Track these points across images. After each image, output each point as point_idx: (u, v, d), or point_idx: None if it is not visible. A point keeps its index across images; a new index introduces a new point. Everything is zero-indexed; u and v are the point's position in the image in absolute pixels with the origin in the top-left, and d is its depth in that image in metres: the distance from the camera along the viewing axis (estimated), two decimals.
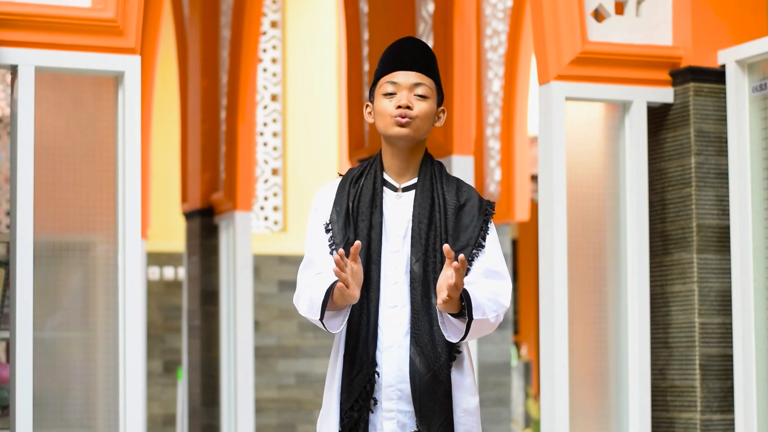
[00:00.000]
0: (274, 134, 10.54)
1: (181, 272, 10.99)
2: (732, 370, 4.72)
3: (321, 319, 3.23)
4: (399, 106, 3.28)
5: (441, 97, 3.38)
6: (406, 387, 3.23)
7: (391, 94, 3.30)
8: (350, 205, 3.31)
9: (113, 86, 4.33)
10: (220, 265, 8.45)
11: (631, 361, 4.80)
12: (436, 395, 3.20)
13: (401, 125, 3.27)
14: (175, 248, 10.90)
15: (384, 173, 3.36)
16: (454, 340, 3.22)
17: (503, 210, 8.13)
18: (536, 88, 4.99)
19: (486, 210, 3.36)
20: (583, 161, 4.83)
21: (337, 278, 3.17)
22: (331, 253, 3.31)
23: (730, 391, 4.72)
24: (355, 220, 3.30)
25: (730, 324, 4.74)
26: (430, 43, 6.45)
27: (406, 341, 3.25)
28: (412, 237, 3.28)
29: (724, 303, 4.74)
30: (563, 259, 4.68)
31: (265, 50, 10.44)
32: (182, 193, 9.10)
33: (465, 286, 3.18)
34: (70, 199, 4.30)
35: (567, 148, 4.76)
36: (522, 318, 13.85)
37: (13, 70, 4.20)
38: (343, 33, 10.34)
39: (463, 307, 3.18)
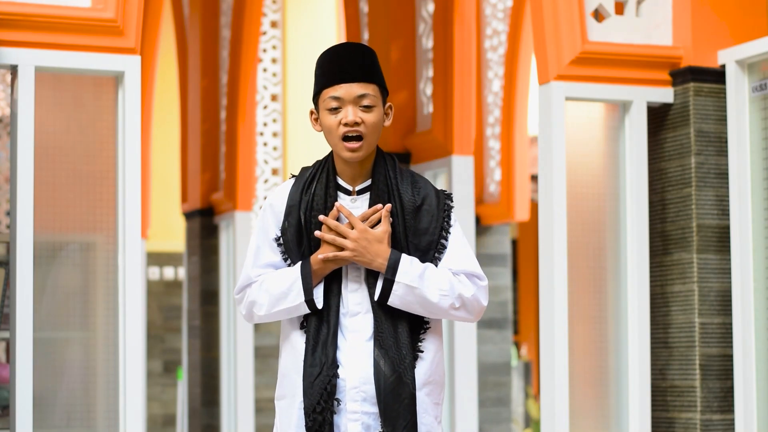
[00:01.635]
0: (274, 134, 10.54)
1: (181, 272, 10.99)
2: (732, 370, 4.72)
3: (308, 297, 3.21)
4: (346, 123, 3.21)
5: (386, 95, 3.30)
6: (371, 388, 3.20)
7: (335, 109, 3.24)
8: (302, 216, 3.26)
9: (113, 86, 4.33)
10: (220, 265, 8.45)
11: (631, 361, 4.80)
12: (400, 397, 3.18)
13: (352, 150, 3.21)
14: (175, 248, 10.90)
15: (337, 176, 3.30)
16: (376, 298, 3.20)
17: (503, 210, 8.13)
18: (536, 88, 4.99)
19: (445, 205, 3.30)
20: (583, 161, 4.83)
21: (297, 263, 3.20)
22: (288, 264, 3.29)
23: (730, 391, 4.72)
24: (308, 231, 3.26)
25: (730, 324, 4.74)
26: (430, 44, 6.45)
27: (370, 344, 3.22)
28: None
29: (724, 303, 4.74)
30: (563, 259, 4.68)
31: (265, 50, 10.44)
32: (182, 193, 9.10)
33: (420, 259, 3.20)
34: (70, 199, 4.30)
35: (567, 148, 4.76)
36: (522, 318, 13.85)
37: (13, 70, 4.20)
38: (343, 33, 10.34)
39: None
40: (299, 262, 3.26)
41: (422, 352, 3.27)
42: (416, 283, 3.20)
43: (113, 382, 4.27)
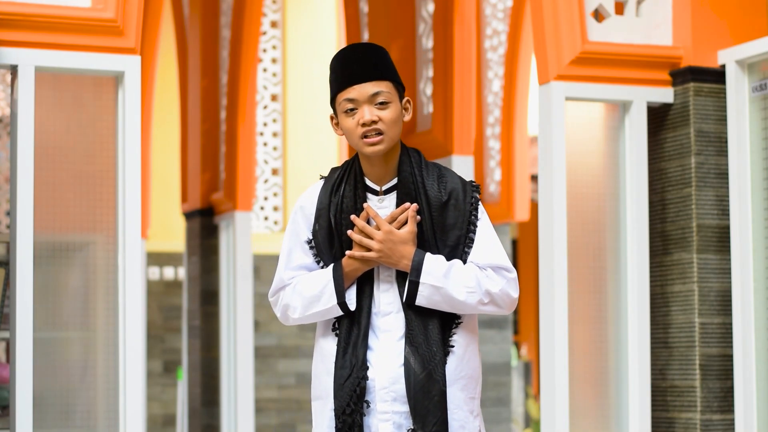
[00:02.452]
0: (274, 134, 10.54)
1: (181, 272, 10.99)
2: (732, 370, 4.72)
3: (340, 300, 3.23)
4: (363, 123, 3.22)
5: (402, 89, 3.31)
6: (400, 388, 3.22)
7: (352, 110, 3.24)
8: (332, 219, 3.28)
9: (113, 86, 4.33)
10: (220, 265, 8.45)
11: (631, 361, 4.80)
12: (430, 394, 3.19)
13: (373, 144, 3.23)
14: (175, 248, 10.90)
15: (364, 177, 3.31)
16: (403, 300, 3.22)
17: (503, 210, 8.13)
18: (536, 88, 4.99)
19: (472, 198, 3.30)
20: (583, 161, 4.83)
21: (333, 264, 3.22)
22: (321, 266, 3.31)
23: (730, 391, 4.72)
24: (339, 233, 3.27)
25: (730, 324, 4.74)
26: (430, 44, 6.45)
27: (401, 344, 3.24)
28: None
29: (724, 303, 4.74)
30: (563, 259, 4.68)
31: (265, 50, 10.44)
32: (182, 193, 9.10)
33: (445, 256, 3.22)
34: (70, 199, 4.30)
35: (567, 148, 4.76)
36: (522, 318, 13.86)
37: (13, 70, 4.20)
38: (343, 33, 10.34)
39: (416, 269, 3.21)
40: (331, 265, 3.27)
41: (453, 347, 3.27)
42: (441, 282, 3.20)
43: (113, 382, 4.27)
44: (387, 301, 3.27)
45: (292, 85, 10.49)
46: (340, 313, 3.26)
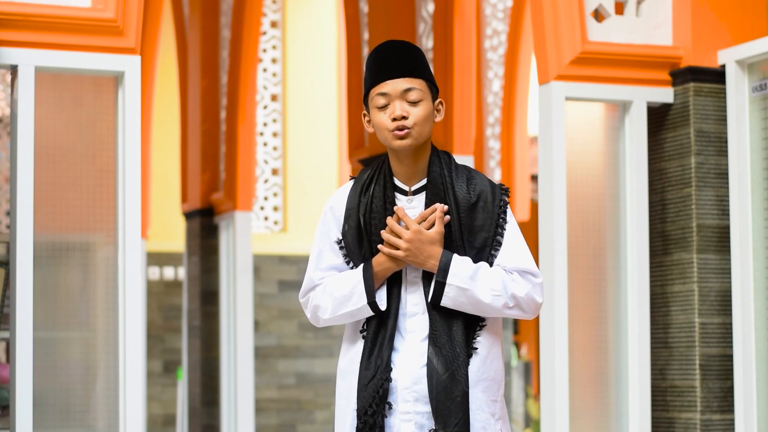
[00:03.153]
0: (274, 134, 10.54)
1: (181, 272, 10.99)
2: (732, 370, 4.72)
3: (371, 300, 3.24)
4: (394, 119, 3.23)
5: (436, 90, 3.33)
6: (423, 388, 3.22)
7: (384, 107, 3.25)
8: (361, 219, 3.28)
9: (113, 86, 4.33)
10: (220, 265, 8.45)
11: (631, 361, 4.80)
12: (453, 394, 3.20)
13: (401, 138, 3.23)
14: (175, 248, 10.90)
15: (393, 177, 3.32)
16: (428, 300, 3.23)
17: None
18: (536, 88, 4.99)
19: (500, 201, 3.30)
20: (583, 161, 4.83)
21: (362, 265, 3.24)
22: (351, 267, 3.32)
23: (730, 391, 4.72)
24: (368, 233, 3.28)
25: (730, 324, 4.74)
26: (430, 44, 6.45)
27: (424, 344, 3.24)
28: None
29: (724, 303, 4.74)
30: (563, 259, 4.68)
31: (265, 50, 10.44)
32: (182, 193, 9.10)
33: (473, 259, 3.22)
34: (70, 199, 4.30)
35: (567, 148, 4.76)
36: None
37: (13, 70, 4.20)
38: (343, 33, 10.34)
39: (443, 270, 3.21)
40: (361, 265, 3.28)
41: (476, 349, 3.27)
42: (467, 284, 3.21)
43: (113, 382, 4.27)
44: (413, 302, 3.27)
45: (292, 85, 10.49)
46: (371, 313, 3.26)
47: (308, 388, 10.15)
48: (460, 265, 3.22)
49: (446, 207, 3.24)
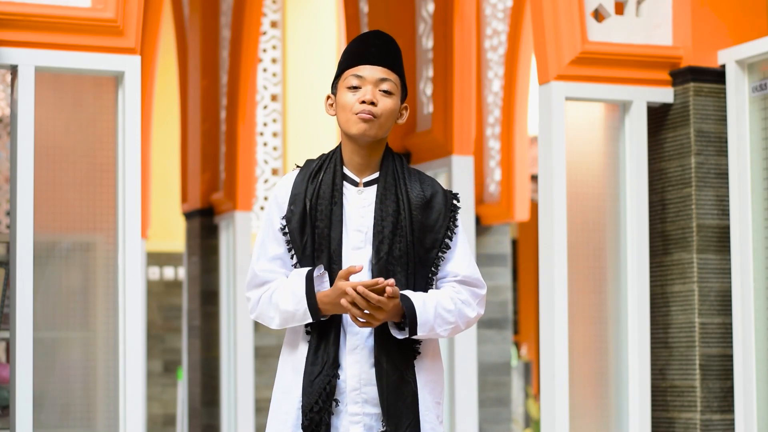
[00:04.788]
0: (274, 134, 10.54)
1: (181, 272, 10.99)
2: (732, 370, 4.72)
3: (316, 317, 3.23)
4: (363, 101, 3.22)
5: (405, 93, 3.33)
6: (371, 389, 3.21)
7: (355, 88, 3.25)
8: (307, 203, 3.25)
9: (113, 86, 4.33)
10: (220, 265, 8.45)
11: (631, 361, 4.80)
12: (403, 395, 3.20)
13: (364, 121, 3.22)
14: (175, 248, 10.90)
15: (344, 168, 3.31)
16: (398, 336, 3.22)
17: (503, 210, 8.13)
18: (536, 88, 4.99)
19: (452, 206, 3.31)
20: (583, 161, 4.83)
21: (305, 271, 3.20)
22: (292, 256, 3.29)
23: (730, 391, 4.72)
24: (313, 219, 3.25)
25: (730, 324, 4.74)
26: (430, 44, 6.45)
27: (370, 342, 3.23)
28: (374, 235, 3.24)
29: (724, 303, 4.74)
30: (563, 259, 4.68)
31: (265, 50, 10.44)
32: (182, 193, 9.10)
33: (422, 293, 3.23)
34: (70, 199, 4.30)
35: (567, 148, 4.76)
36: (522, 318, 13.85)
37: (13, 70, 4.20)
38: (343, 33, 10.34)
39: (403, 319, 3.19)
40: (303, 279, 3.23)
41: (420, 352, 3.28)
42: (428, 332, 3.23)
43: (113, 382, 4.27)
44: None
45: (292, 85, 10.49)
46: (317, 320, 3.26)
47: None
48: (423, 314, 3.20)
49: (393, 281, 3.15)
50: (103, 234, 4.32)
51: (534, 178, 9.60)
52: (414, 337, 3.22)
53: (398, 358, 3.21)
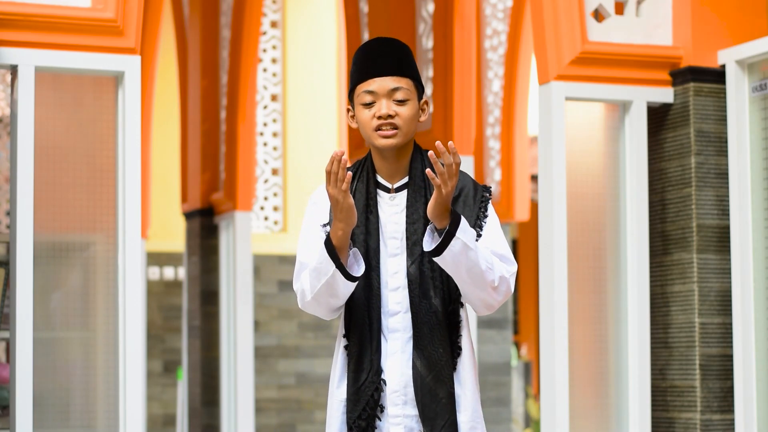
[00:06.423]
0: (274, 134, 10.54)
1: (181, 272, 10.99)
2: (732, 370, 4.72)
3: (338, 267, 3.12)
4: (380, 116, 3.22)
5: (421, 89, 3.31)
6: (411, 391, 3.21)
7: (369, 104, 3.24)
8: None
9: (113, 86, 4.33)
10: (220, 265, 8.45)
11: (631, 361, 4.80)
12: (438, 396, 3.19)
13: (386, 137, 3.22)
14: (175, 248, 10.90)
15: (376, 174, 3.31)
16: (426, 247, 3.13)
17: (503, 210, 8.13)
18: (536, 88, 4.99)
19: (482, 196, 3.29)
20: (583, 161, 4.83)
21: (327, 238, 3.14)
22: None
23: (730, 391, 4.72)
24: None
25: (730, 324, 4.74)
26: (430, 44, 6.45)
27: (409, 346, 3.23)
28: (407, 239, 3.23)
29: (724, 303, 4.74)
30: (563, 259, 4.68)
31: (265, 50, 10.44)
32: (182, 193, 9.10)
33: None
34: (70, 199, 4.30)
35: (567, 148, 4.76)
36: (522, 318, 13.85)
37: (13, 70, 4.20)
38: (343, 33, 10.34)
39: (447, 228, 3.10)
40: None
41: (461, 348, 3.25)
42: (472, 244, 3.12)
43: (113, 382, 4.27)
44: (395, 300, 3.24)
45: (292, 85, 10.49)
46: (346, 281, 3.16)
47: (308, 388, 10.15)
48: (468, 227, 3.14)
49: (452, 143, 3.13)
50: (103, 234, 4.32)
51: (534, 178, 9.61)
52: (455, 240, 3.07)
53: (434, 358, 3.19)
